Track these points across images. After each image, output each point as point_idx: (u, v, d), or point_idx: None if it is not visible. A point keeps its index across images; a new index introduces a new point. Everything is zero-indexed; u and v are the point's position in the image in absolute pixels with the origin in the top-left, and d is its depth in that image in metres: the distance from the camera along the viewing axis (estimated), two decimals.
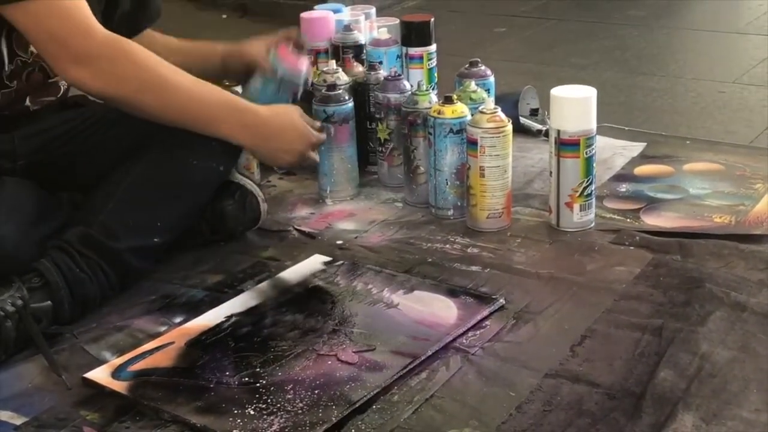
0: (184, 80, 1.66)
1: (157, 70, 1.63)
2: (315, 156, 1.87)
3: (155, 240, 1.67)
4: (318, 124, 1.87)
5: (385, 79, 2.02)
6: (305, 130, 1.80)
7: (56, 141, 1.74)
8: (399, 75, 2.02)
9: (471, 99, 1.92)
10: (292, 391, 1.35)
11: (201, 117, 1.67)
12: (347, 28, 2.23)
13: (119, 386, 1.39)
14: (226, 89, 1.99)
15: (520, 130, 2.22)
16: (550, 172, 1.82)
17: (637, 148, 2.23)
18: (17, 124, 1.70)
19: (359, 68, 2.14)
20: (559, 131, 1.78)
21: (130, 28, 1.82)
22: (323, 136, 1.88)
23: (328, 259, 1.76)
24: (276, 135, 1.76)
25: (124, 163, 1.71)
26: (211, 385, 1.38)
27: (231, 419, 1.30)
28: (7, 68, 1.65)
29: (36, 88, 1.71)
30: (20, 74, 1.68)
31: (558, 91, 1.80)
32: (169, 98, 1.64)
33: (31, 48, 1.65)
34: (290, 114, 1.80)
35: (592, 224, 1.84)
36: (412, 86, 1.99)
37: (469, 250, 1.78)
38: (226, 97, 1.73)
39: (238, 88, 2.02)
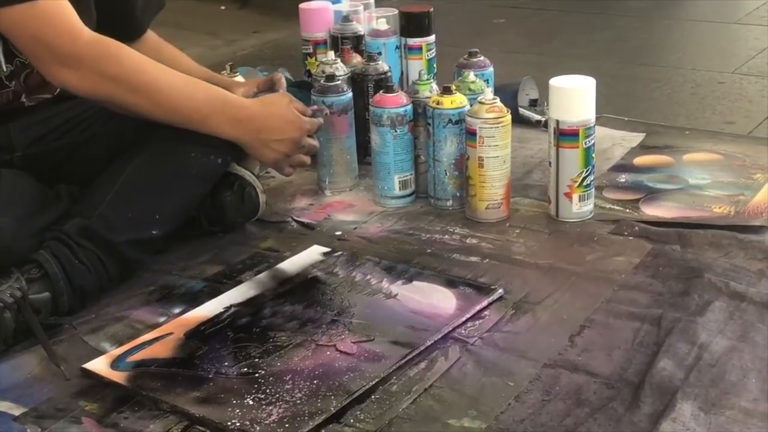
0: (174, 79, 1.65)
1: (146, 70, 1.62)
2: (313, 141, 1.83)
3: (153, 232, 1.67)
4: (310, 110, 1.84)
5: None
6: (295, 117, 1.78)
7: (54, 132, 1.74)
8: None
9: (470, 89, 1.92)
10: (291, 382, 1.35)
11: (191, 115, 1.67)
12: (346, 19, 2.23)
13: (118, 377, 1.39)
14: (228, 77, 1.99)
15: (519, 120, 2.22)
16: (549, 163, 1.82)
17: (636, 138, 2.23)
18: (13, 116, 1.70)
19: (358, 59, 2.13)
20: (558, 121, 1.78)
21: (134, 26, 1.86)
22: (318, 120, 1.85)
23: (326, 249, 1.75)
24: (266, 126, 1.74)
25: (123, 156, 1.71)
26: (210, 376, 1.38)
27: (230, 409, 1.30)
28: (5, 68, 1.64)
29: (33, 87, 1.71)
30: (19, 75, 1.67)
31: (557, 82, 1.80)
32: (159, 99, 1.63)
33: None
34: (278, 103, 1.78)
35: (591, 214, 1.83)
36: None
37: (468, 241, 1.78)
38: (216, 93, 1.71)
39: (239, 78, 2.02)
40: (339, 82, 1.97)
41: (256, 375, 1.37)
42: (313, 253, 1.75)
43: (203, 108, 1.68)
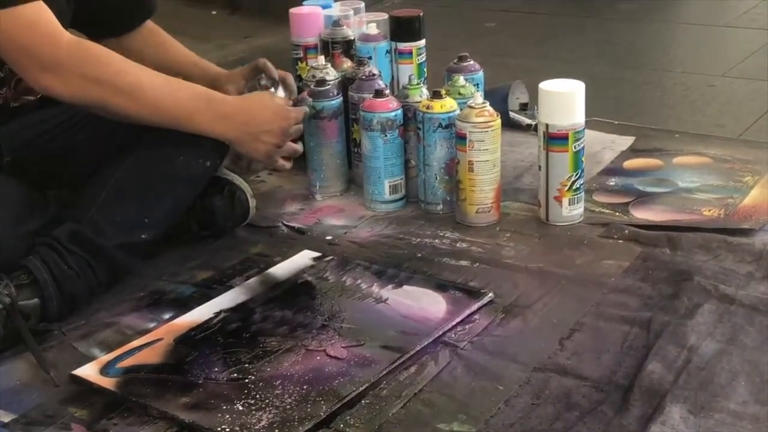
0: (156, 79, 1.65)
1: (128, 71, 1.62)
2: (296, 146, 1.82)
3: (143, 236, 1.66)
4: (291, 101, 1.84)
5: (359, 78, 2.00)
6: (279, 108, 1.77)
7: (42, 137, 1.73)
8: (373, 75, 2.00)
9: (460, 94, 1.92)
10: (280, 387, 1.35)
11: (178, 114, 1.66)
12: (336, 24, 2.23)
13: (108, 383, 1.39)
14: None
15: (509, 124, 2.22)
16: (539, 166, 1.82)
17: (626, 141, 2.23)
18: (0, 121, 1.70)
19: (348, 63, 2.13)
20: (547, 125, 1.78)
21: (126, 23, 1.89)
22: (303, 108, 1.85)
23: (317, 254, 1.75)
24: (253, 119, 1.73)
25: (112, 160, 1.70)
26: (200, 381, 1.38)
27: (220, 415, 1.30)
28: None
29: (21, 91, 1.71)
30: (9, 82, 1.67)
31: (546, 85, 1.80)
32: (142, 99, 1.62)
33: None
34: (260, 96, 1.80)
35: (581, 218, 1.84)
36: (386, 85, 1.99)
37: (458, 245, 1.78)
38: (199, 91, 1.71)
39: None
40: (329, 87, 1.97)
41: (246, 380, 1.37)
42: (304, 257, 1.75)
43: (189, 106, 1.67)
